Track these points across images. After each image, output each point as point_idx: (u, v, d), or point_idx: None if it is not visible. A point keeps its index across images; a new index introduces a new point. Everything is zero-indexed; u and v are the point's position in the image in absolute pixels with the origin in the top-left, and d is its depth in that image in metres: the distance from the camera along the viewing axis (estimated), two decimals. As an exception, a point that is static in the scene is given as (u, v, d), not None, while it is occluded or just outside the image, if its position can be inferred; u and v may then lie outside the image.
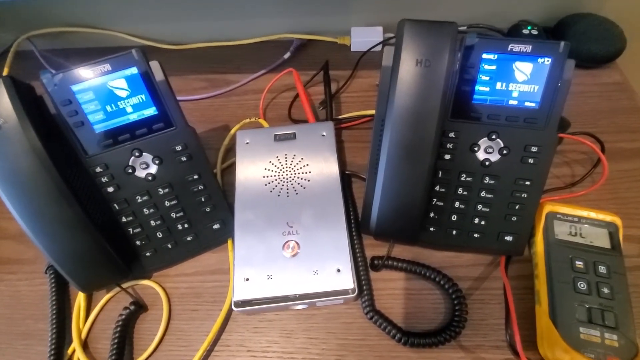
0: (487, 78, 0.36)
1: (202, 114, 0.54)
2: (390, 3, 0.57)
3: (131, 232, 0.40)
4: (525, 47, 0.34)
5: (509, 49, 0.35)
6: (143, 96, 0.38)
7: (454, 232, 0.39)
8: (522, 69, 0.35)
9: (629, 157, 0.46)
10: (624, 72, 0.54)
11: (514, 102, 0.36)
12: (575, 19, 0.54)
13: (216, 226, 0.42)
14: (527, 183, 0.37)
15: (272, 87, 0.53)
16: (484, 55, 0.35)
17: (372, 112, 0.49)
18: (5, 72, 0.58)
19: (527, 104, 0.36)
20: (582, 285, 0.35)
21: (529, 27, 0.53)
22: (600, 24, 0.53)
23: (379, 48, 0.57)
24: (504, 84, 0.36)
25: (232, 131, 0.50)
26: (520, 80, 0.35)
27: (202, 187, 0.41)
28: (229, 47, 0.61)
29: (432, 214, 0.39)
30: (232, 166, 0.46)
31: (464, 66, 0.36)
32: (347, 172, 0.46)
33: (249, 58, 0.60)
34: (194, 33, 0.62)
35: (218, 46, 0.61)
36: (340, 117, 0.51)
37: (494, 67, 0.35)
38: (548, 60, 0.34)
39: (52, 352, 0.37)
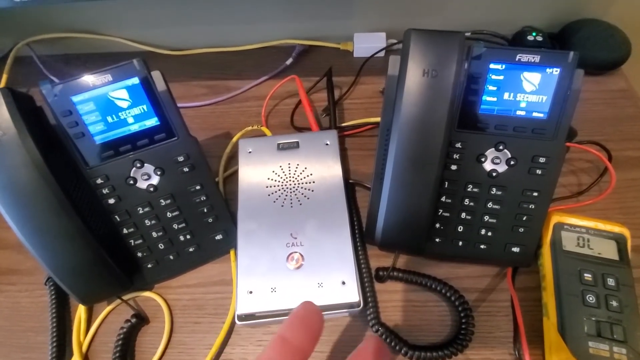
0: (495, 88, 0.35)
1: (203, 120, 0.54)
2: (394, 9, 0.56)
3: (132, 244, 0.39)
4: (533, 57, 0.34)
5: (516, 59, 0.34)
6: (144, 106, 0.37)
7: (460, 243, 0.38)
8: (530, 79, 0.35)
9: (636, 165, 0.45)
10: (629, 78, 0.53)
11: (522, 113, 0.36)
12: (579, 24, 0.54)
13: (219, 237, 0.41)
14: (535, 194, 0.37)
15: (274, 94, 0.52)
16: (492, 65, 0.35)
17: (377, 119, 0.49)
18: (4, 78, 0.57)
19: (535, 114, 0.35)
20: (590, 299, 0.34)
21: (534, 34, 0.52)
22: (605, 29, 0.53)
23: (382, 54, 0.57)
24: (512, 94, 0.35)
25: (234, 139, 0.49)
26: (528, 90, 0.35)
27: (204, 198, 0.40)
28: (230, 52, 0.60)
29: (438, 225, 0.39)
30: (235, 174, 0.46)
31: (471, 76, 0.35)
32: (351, 181, 0.46)
33: (250, 64, 0.59)
34: (194, 38, 0.61)
35: (219, 52, 0.61)
36: (343, 124, 0.51)
37: (501, 77, 0.35)
38: (557, 71, 0.34)
39: (53, 366, 0.37)
